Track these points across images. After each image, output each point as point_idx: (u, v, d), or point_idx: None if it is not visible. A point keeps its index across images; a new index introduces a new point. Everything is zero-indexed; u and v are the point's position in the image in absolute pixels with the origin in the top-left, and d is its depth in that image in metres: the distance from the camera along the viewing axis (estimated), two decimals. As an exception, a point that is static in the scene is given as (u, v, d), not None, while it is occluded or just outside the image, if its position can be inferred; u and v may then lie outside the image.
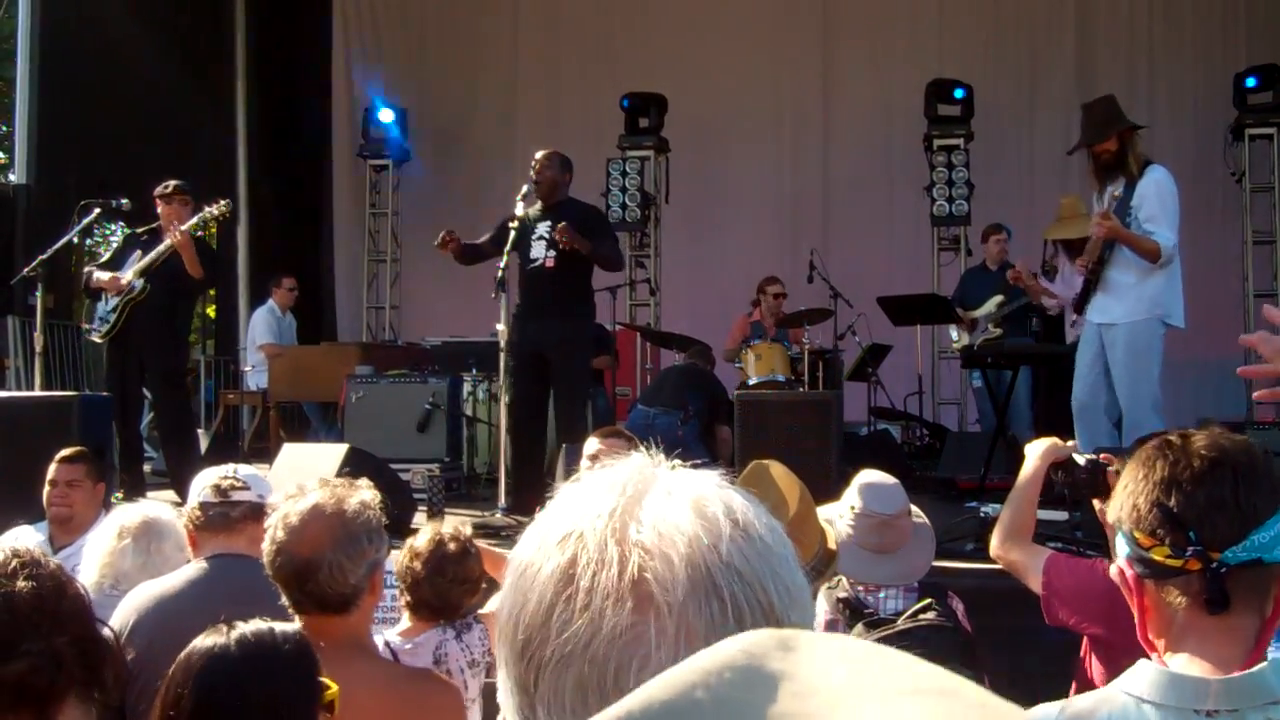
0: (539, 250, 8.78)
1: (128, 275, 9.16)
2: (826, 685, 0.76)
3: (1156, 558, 2.08)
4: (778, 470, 2.98)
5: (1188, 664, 2.04)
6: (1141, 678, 2.03)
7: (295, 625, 2.73)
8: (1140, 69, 14.71)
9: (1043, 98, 14.66)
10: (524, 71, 16.68)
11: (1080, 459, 3.60)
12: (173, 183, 9.45)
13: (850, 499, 4.16)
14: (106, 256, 9.79)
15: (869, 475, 4.24)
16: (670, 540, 0.98)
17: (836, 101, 15.68)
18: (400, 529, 6.50)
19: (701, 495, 1.03)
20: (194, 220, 9.12)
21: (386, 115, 15.98)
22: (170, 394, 9.67)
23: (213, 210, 9.29)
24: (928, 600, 3.89)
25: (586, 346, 9.32)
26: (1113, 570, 2.22)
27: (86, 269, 9.78)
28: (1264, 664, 1.97)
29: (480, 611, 4.28)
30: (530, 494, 8.24)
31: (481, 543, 4.52)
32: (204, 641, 2.49)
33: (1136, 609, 2.16)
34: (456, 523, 4.43)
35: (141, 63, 14.02)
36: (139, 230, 9.59)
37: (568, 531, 1.01)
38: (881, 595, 4.02)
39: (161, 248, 9.10)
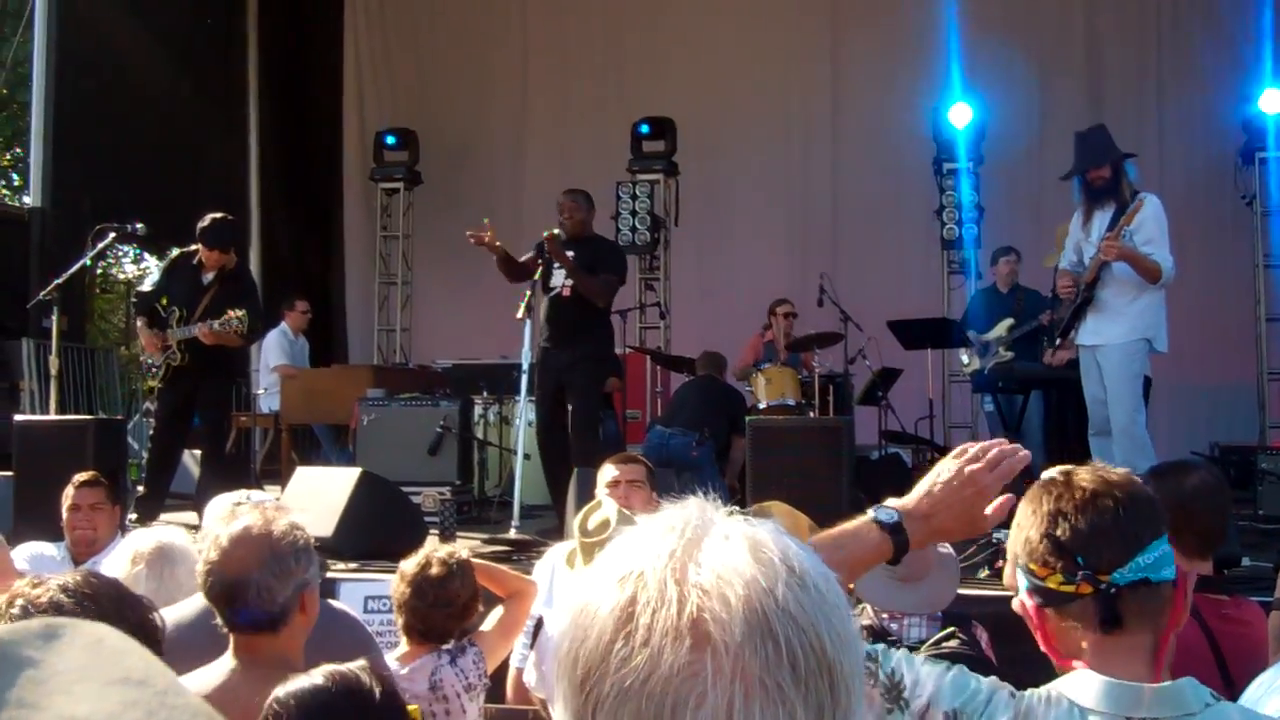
0: (558, 279, 8.95)
1: (172, 339, 9.15)
2: (63, 671, 0.85)
3: (1051, 585, 2.19)
4: (780, 509, 3.00)
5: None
6: (1082, 684, 2.12)
7: (364, 662, 2.81)
8: (1150, 91, 14.72)
9: (1052, 120, 14.64)
10: (534, 95, 16.74)
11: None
12: (215, 228, 9.34)
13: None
14: (154, 280, 9.73)
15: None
16: (728, 582, 1.01)
17: (846, 125, 15.69)
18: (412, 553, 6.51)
19: (759, 541, 1.06)
20: (217, 325, 8.96)
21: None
22: (215, 422, 9.69)
23: (230, 321, 9.08)
24: (950, 629, 3.90)
25: (598, 371, 9.42)
26: (1015, 604, 2.32)
27: (136, 315, 9.74)
28: (1184, 679, 2.09)
29: (478, 630, 4.30)
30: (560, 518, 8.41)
31: (483, 562, 4.54)
32: (301, 684, 2.57)
33: (1041, 637, 2.25)
34: (469, 544, 4.44)
35: (155, 87, 14.11)
36: (187, 251, 9.49)
37: (628, 571, 1.04)
38: (905, 623, 4.02)
39: (195, 332, 9.04)
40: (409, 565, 4.13)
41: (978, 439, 11.77)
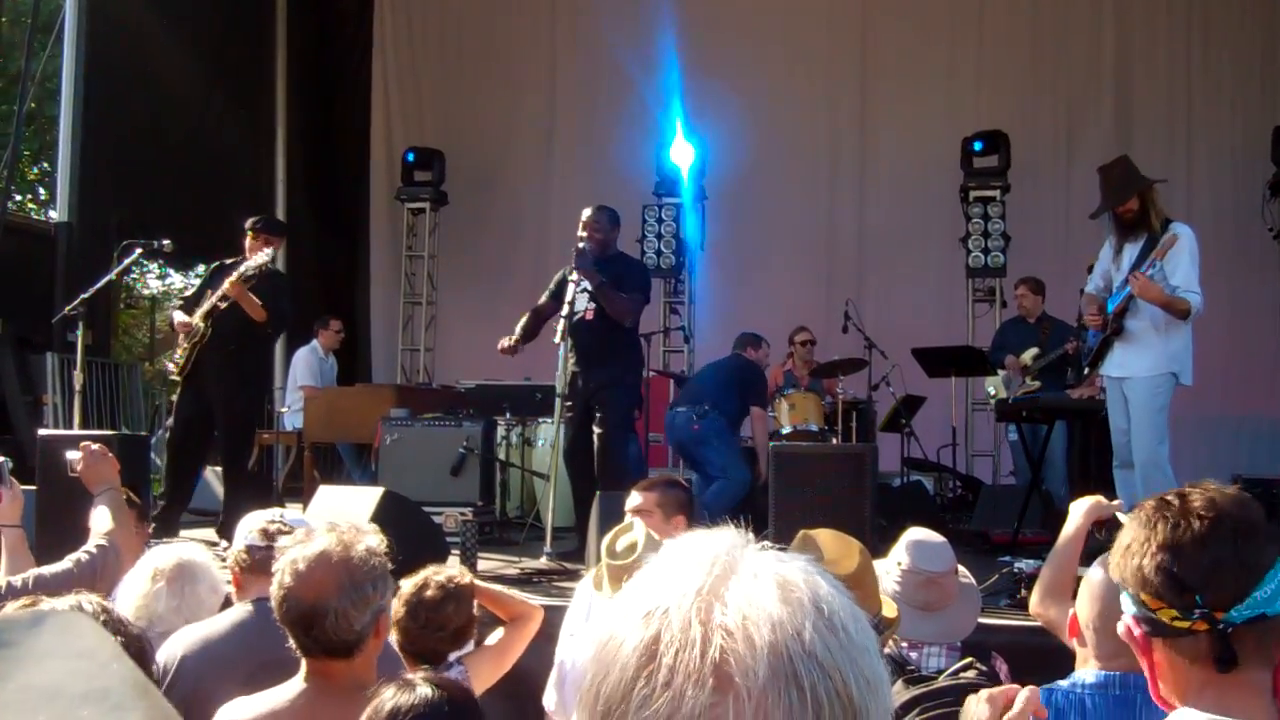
0: (581, 303, 8.90)
1: (196, 317, 9.15)
2: (35, 650, 1.06)
3: (1164, 619, 2.12)
4: (826, 537, 2.98)
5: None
6: None
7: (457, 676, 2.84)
8: (1179, 123, 14.69)
9: (1080, 150, 14.62)
10: (561, 117, 16.77)
11: (1124, 518, 3.59)
12: (262, 217, 9.45)
13: (898, 555, 4.15)
14: (196, 290, 9.77)
15: (917, 533, 4.24)
16: (754, 624, 0.99)
17: (873, 151, 15.70)
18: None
19: (788, 580, 1.04)
20: (242, 269, 9.02)
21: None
22: (235, 439, 9.54)
23: (254, 261, 9.13)
24: (969, 660, 3.88)
25: (625, 394, 9.37)
26: (1120, 628, 2.25)
27: (170, 311, 9.79)
28: None
29: (470, 652, 4.27)
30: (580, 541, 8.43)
31: (488, 585, 4.51)
32: (402, 697, 2.59)
33: (1147, 666, 2.19)
34: (491, 565, 4.42)
35: (184, 105, 14.17)
36: (227, 262, 9.51)
37: (653, 607, 1.02)
38: (925, 652, 4.01)
39: (218, 295, 9.07)
40: (407, 586, 4.10)
41: (1000, 468, 11.77)
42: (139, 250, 9.93)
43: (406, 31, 17.35)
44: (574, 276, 8.90)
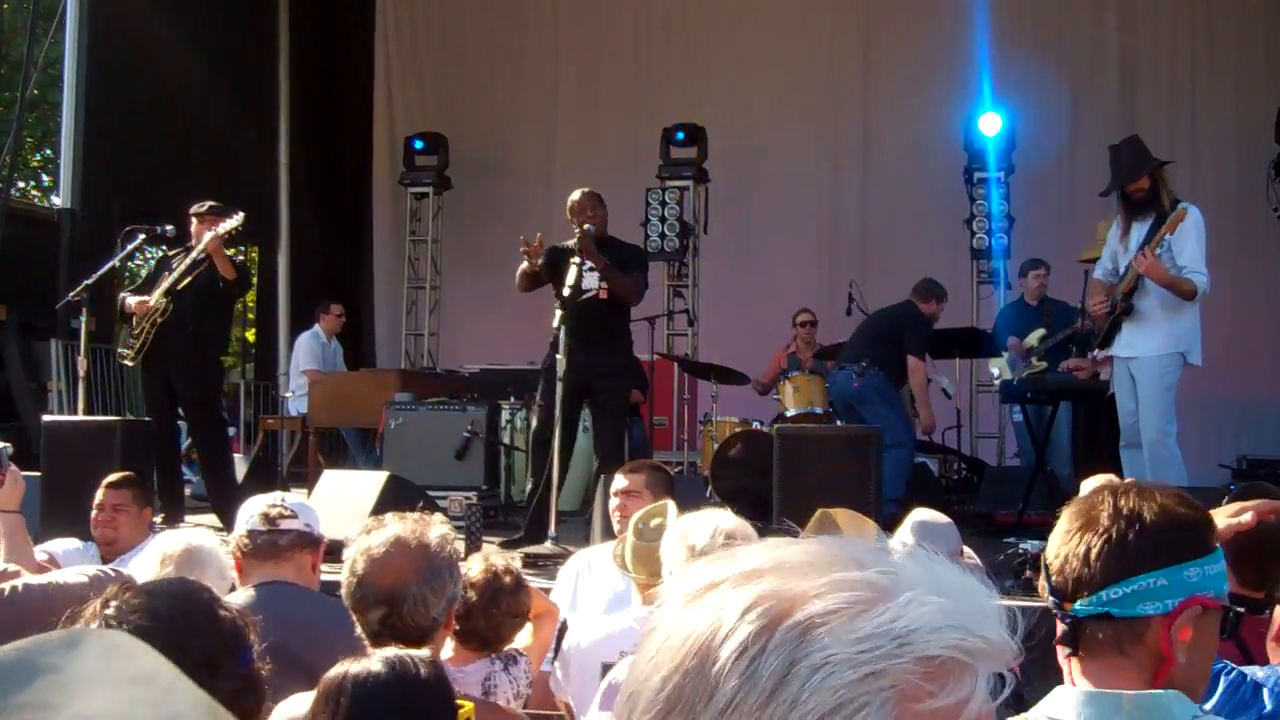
0: (591, 281, 8.79)
1: (154, 297, 9.12)
2: (81, 675, 0.94)
3: (1042, 593, 2.26)
4: (843, 516, 2.98)
5: None
6: (1059, 700, 2.13)
7: (426, 652, 2.82)
8: (1183, 103, 14.66)
9: (1084, 131, 14.59)
10: (564, 101, 16.74)
11: None
12: (209, 203, 9.44)
13: (903, 536, 4.15)
14: (141, 282, 9.77)
15: (922, 514, 4.24)
16: None
17: (876, 133, 15.67)
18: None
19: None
20: (222, 228, 9.00)
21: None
22: (202, 419, 9.57)
23: (232, 222, 9.14)
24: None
25: (629, 379, 9.33)
26: None
27: (121, 295, 9.79)
28: (1171, 691, 2.08)
29: (520, 646, 4.28)
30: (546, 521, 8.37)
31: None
32: (353, 667, 2.58)
33: None
34: (503, 553, 4.43)
35: (186, 90, 14.16)
36: (171, 253, 9.57)
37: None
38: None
39: (189, 261, 8.99)
40: (475, 573, 4.06)
41: (1005, 449, 11.74)
42: (142, 236, 9.92)
43: (409, 14, 17.32)
44: (576, 259, 8.83)
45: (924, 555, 1.01)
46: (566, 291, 8.39)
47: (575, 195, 9.08)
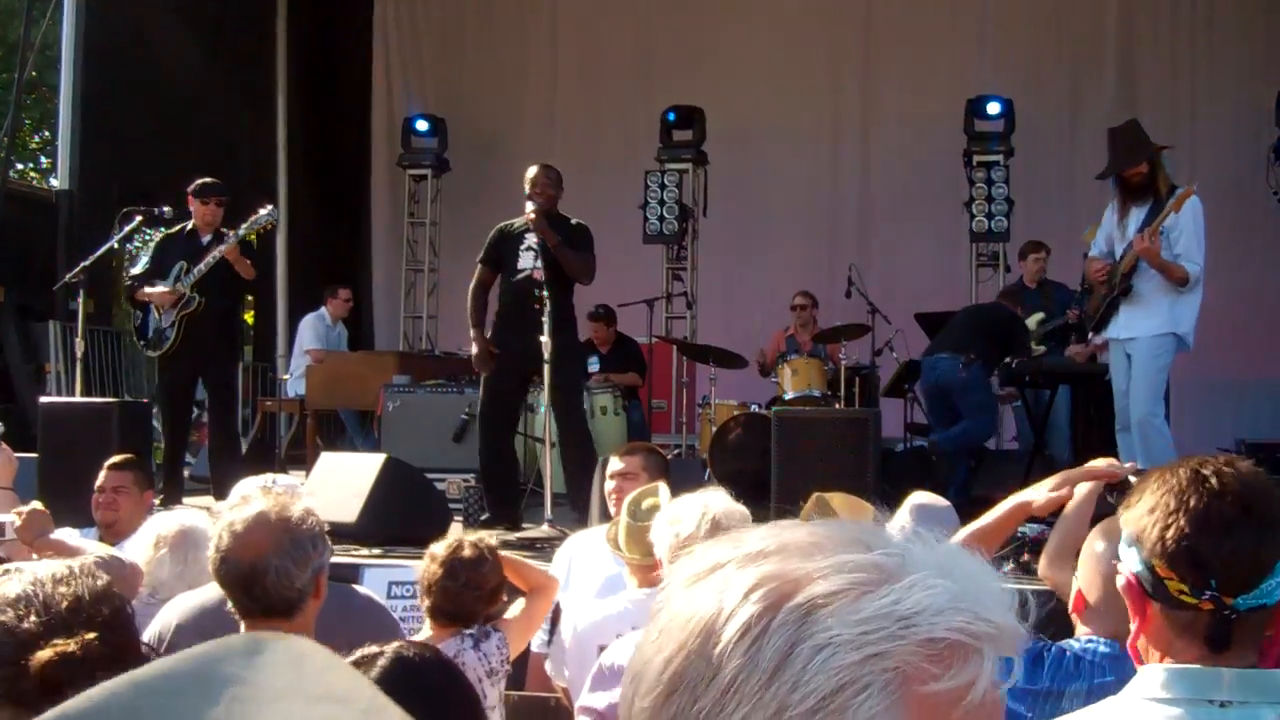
0: (527, 261, 8.72)
1: (184, 287, 9.13)
2: (268, 689, 0.85)
3: (1171, 591, 2.10)
4: (840, 500, 2.98)
5: None
6: (1149, 679, 2.07)
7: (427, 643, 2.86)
8: (1182, 87, 14.61)
9: (1084, 114, 14.56)
10: (563, 83, 16.69)
11: (1135, 480, 3.58)
12: (207, 181, 9.45)
13: (900, 519, 4.15)
14: (145, 262, 9.71)
15: (921, 497, 4.25)
16: None
17: (876, 116, 15.62)
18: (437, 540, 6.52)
19: None
20: (244, 229, 9.11)
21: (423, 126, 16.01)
22: (226, 400, 9.75)
23: (260, 218, 9.32)
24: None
25: (578, 359, 9.38)
26: (1120, 580, 2.21)
27: (128, 281, 9.80)
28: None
29: (502, 618, 4.30)
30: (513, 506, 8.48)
31: (508, 553, 4.54)
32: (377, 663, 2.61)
33: (1136, 617, 2.18)
34: (479, 532, 4.45)
35: (184, 71, 14.12)
36: (172, 231, 9.58)
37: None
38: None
39: (212, 259, 9.07)
40: (439, 548, 4.14)
41: (1003, 433, 11.76)
42: (140, 218, 9.92)
43: (408, -4, 17.29)
44: (529, 238, 8.80)
45: (931, 538, 1.01)
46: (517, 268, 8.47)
47: (531, 170, 9.04)
